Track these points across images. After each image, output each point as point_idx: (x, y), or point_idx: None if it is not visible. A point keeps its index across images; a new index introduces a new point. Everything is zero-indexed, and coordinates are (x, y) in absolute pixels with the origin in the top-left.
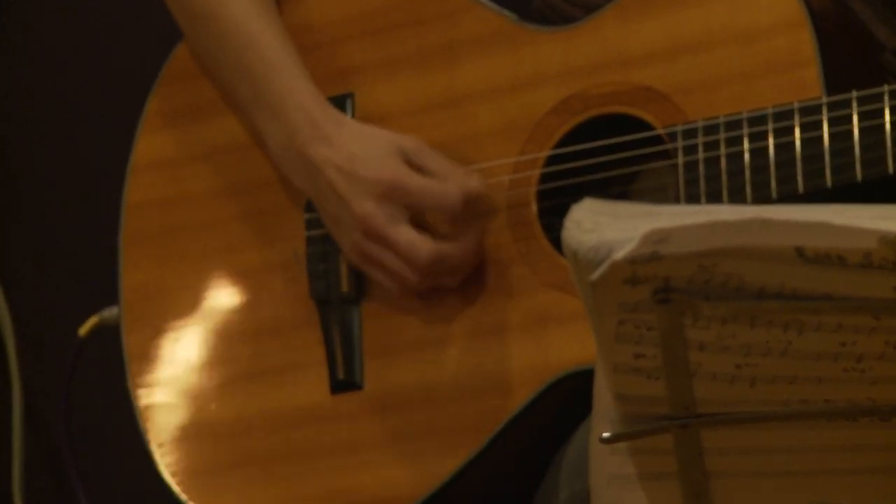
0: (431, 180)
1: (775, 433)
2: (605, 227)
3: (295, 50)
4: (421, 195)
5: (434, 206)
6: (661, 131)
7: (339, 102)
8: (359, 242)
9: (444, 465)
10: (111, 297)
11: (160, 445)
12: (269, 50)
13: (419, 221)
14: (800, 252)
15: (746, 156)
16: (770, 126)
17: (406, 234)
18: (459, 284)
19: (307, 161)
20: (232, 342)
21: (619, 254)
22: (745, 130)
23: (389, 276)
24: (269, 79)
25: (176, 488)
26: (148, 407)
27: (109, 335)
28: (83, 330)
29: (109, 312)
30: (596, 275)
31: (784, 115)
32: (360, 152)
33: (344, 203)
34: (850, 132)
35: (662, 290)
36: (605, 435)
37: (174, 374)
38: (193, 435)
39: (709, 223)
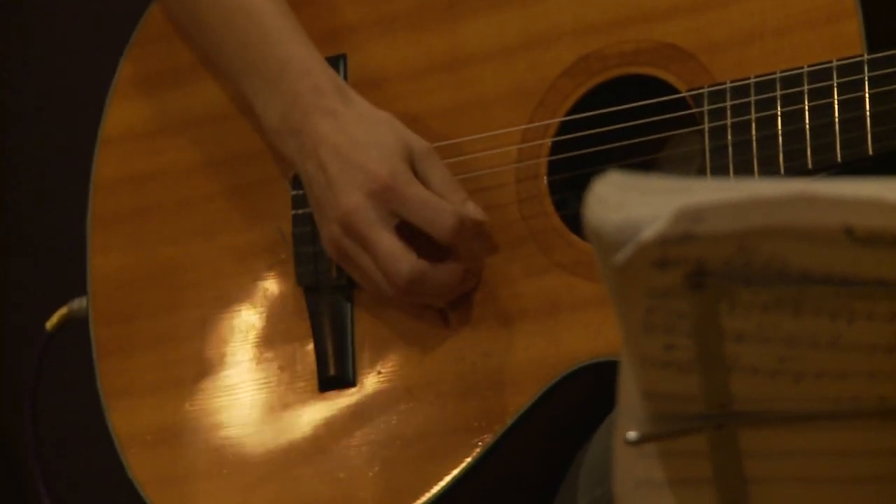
0: (430, 195)
1: (823, 434)
2: (631, 203)
3: (292, 13)
4: (414, 207)
5: (425, 224)
6: (685, 94)
7: (330, 65)
8: (337, 237)
9: (443, 471)
10: (83, 285)
11: (131, 451)
12: (264, 13)
13: (408, 231)
14: (849, 232)
15: (779, 121)
16: (805, 87)
17: (388, 242)
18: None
19: (303, 133)
20: (211, 335)
21: (648, 233)
22: (778, 92)
23: (365, 280)
24: (267, 45)
25: (147, 497)
26: (119, 409)
27: (80, 329)
28: (50, 323)
29: (80, 303)
30: (621, 257)
31: (821, 75)
32: (363, 138)
33: (331, 190)
34: (895, 93)
35: (696, 275)
36: (632, 436)
37: (148, 371)
38: (167, 439)
39: (748, 199)
